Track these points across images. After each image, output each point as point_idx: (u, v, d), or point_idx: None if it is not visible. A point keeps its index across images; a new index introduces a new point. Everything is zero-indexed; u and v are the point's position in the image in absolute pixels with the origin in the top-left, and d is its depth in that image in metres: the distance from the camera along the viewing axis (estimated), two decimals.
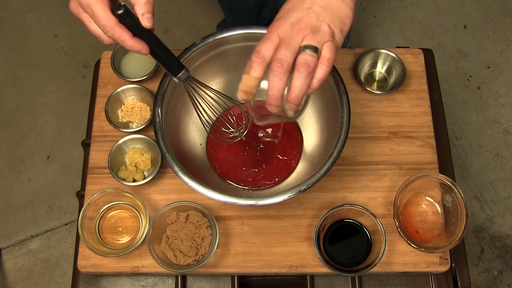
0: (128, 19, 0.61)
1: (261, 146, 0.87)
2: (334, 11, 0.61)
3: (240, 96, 0.62)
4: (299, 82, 0.58)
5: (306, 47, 0.58)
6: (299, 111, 0.69)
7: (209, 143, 0.89)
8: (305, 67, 0.57)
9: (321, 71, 0.59)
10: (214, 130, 0.85)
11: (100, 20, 0.60)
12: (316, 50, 0.58)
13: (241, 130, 0.80)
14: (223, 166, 0.87)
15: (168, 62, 0.67)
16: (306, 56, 0.58)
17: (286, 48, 0.58)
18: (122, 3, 0.61)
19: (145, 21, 0.61)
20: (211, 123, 0.79)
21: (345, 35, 0.62)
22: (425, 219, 0.83)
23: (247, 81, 0.60)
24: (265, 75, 0.61)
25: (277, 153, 0.87)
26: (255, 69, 0.59)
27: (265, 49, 0.59)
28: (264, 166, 0.86)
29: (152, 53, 0.65)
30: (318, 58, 0.59)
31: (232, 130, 0.80)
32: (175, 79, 0.69)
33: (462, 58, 1.75)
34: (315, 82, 0.59)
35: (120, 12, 0.60)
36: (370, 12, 1.81)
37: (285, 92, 0.60)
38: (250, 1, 1.37)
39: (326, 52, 0.59)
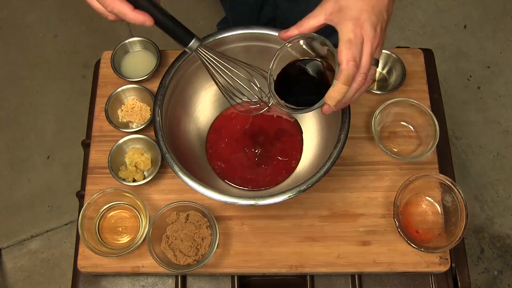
0: None
1: (259, 149, 0.87)
2: (389, 14, 0.62)
3: (332, 103, 0.61)
4: (359, 94, 0.62)
5: (375, 61, 0.61)
6: None
7: (208, 143, 0.89)
8: (371, 81, 0.62)
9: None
10: (237, 102, 0.79)
11: None
12: (377, 63, 0.63)
13: (265, 99, 0.75)
14: (223, 167, 0.87)
15: (176, 31, 0.64)
16: (373, 72, 0.62)
17: (369, 61, 0.60)
18: None
19: None
20: (233, 92, 0.73)
21: None
22: (425, 219, 0.83)
23: (342, 90, 0.59)
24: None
25: (277, 154, 0.87)
26: (353, 80, 0.60)
27: (359, 55, 0.59)
28: (264, 166, 0.86)
29: (158, 24, 0.62)
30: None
31: (257, 99, 0.75)
32: (186, 49, 0.66)
33: (462, 58, 1.75)
34: None
35: None
36: None
37: None
38: None
39: (374, 69, 0.63)
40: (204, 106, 0.88)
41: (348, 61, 0.58)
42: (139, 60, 0.94)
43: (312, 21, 0.64)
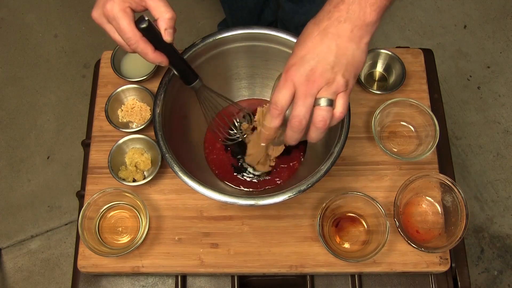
0: (150, 33, 0.63)
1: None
2: (349, 59, 0.60)
3: (264, 142, 0.67)
4: (316, 135, 0.61)
5: (321, 100, 0.59)
6: None
7: (206, 142, 0.89)
8: (322, 123, 0.60)
9: (333, 122, 0.61)
10: (218, 130, 0.86)
11: (125, 33, 0.63)
12: (331, 103, 0.60)
13: (244, 134, 0.83)
14: (220, 169, 0.86)
15: (184, 72, 0.71)
16: (323, 112, 0.59)
17: (302, 105, 0.59)
18: (146, 18, 0.63)
19: (167, 36, 0.64)
20: (219, 127, 0.83)
21: (357, 78, 0.63)
22: (425, 219, 0.83)
23: (268, 131, 0.65)
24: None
25: (278, 161, 0.86)
26: (275, 121, 0.62)
27: (282, 100, 0.60)
28: (267, 176, 0.86)
29: (171, 64, 0.68)
30: (333, 109, 0.60)
31: (235, 132, 0.83)
32: (190, 87, 0.73)
33: (462, 58, 1.75)
34: (326, 129, 0.63)
35: (143, 26, 0.62)
36: None
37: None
38: (251, 3, 1.37)
39: (339, 106, 0.60)
40: None
41: (270, 104, 0.61)
42: (139, 60, 0.94)
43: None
